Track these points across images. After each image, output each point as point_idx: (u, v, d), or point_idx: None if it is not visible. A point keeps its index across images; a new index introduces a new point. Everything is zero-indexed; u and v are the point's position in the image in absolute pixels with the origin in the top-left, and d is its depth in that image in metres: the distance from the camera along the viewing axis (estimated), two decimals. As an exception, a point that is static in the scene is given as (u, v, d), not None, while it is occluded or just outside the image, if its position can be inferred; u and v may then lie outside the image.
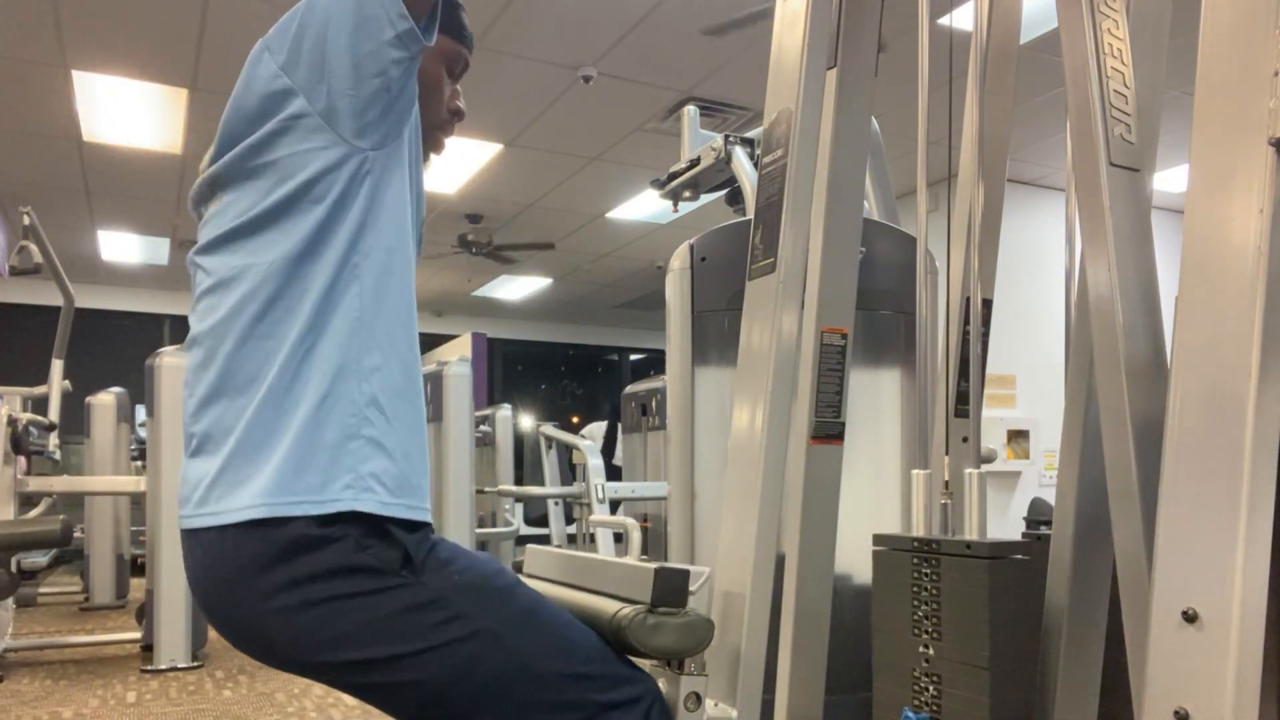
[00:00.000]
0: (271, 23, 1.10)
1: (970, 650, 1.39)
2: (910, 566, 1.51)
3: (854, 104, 1.79)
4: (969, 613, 1.39)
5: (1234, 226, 1.05)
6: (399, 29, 1.03)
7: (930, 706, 1.46)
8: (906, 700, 1.50)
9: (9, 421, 4.22)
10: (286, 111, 1.05)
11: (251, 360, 1.04)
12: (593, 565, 1.36)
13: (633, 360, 12.72)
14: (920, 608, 1.48)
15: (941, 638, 1.44)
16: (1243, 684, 0.99)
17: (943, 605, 1.44)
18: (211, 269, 1.10)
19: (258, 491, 1.00)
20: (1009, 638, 1.38)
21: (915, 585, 1.50)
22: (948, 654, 1.43)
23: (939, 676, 1.44)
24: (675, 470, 2.43)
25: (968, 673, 1.39)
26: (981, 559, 1.39)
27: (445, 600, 1.03)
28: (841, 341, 1.79)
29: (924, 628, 1.47)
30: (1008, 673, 1.37)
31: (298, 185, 1.05)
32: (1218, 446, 1.04)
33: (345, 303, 1.05)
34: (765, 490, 1.67)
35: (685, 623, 1.18)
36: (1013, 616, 1.39)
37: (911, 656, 1.50)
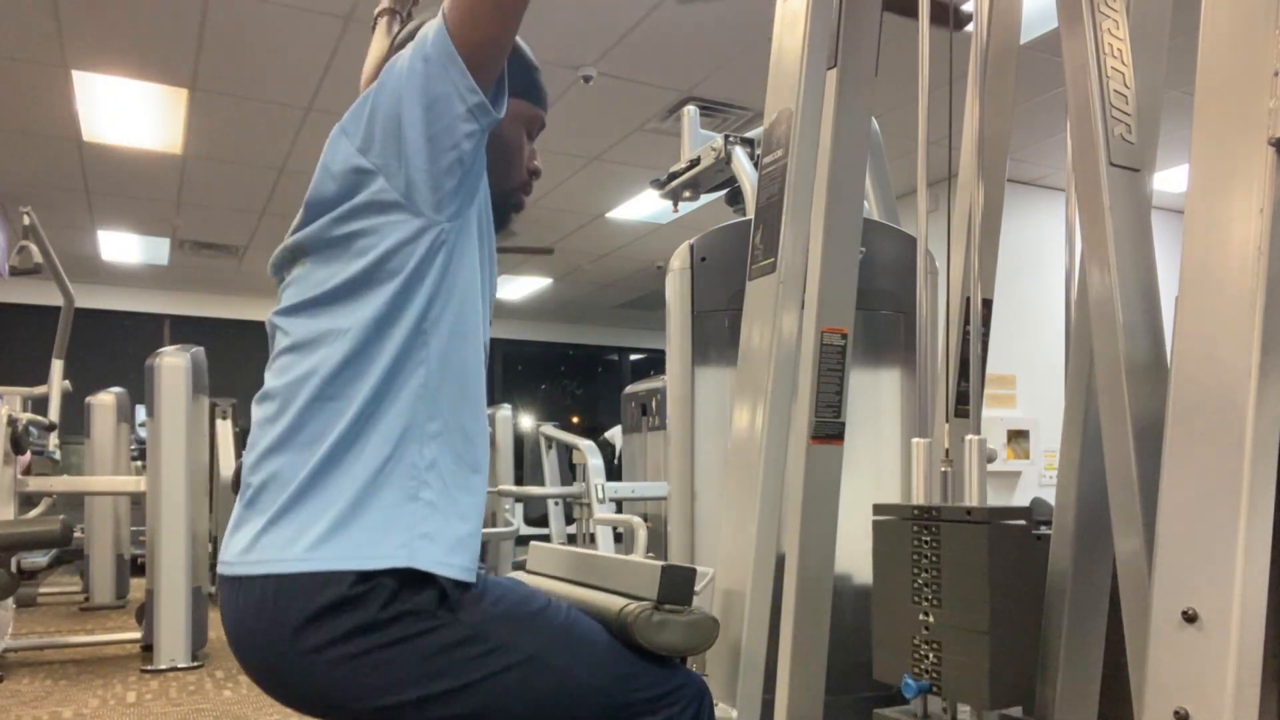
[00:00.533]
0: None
1: (970, 616, 1.38)
2: (910, 534, 1.51)
3: (854, 104, 1.79)
4: (969, 579, 1.39)
5: (1234, 226, 1.05)
6: (470, 103, 1.06)
7: (930, 674, 1.45)
8: (906, 668, 1.50)
9: (9, 421, 4.22)
10: (366, 190, 1.09)
11: (318, 419, 1.07)
12: (598, 562, 1.36)
13: (633, 360, 12.72)
14: (920, 575, 1.48)
15: (941, 605, 1.44)
16: (1243, 684, 0.99)
17: (943, 572, 1.44)
18: (291, 330, 1.14)
19: (309, 545, 1.03)
20: (1009, 603, 1.38)
21: (915, 553, 1.49)
22: (947, 621, 1.43)
23: (939, 643, 1.44)
24: (675, 470, 2.43)
25: (967, 639, 1.39)
26: (981, 524, 1.39)
27: (485, 633, 1.07)
28: (841, 341, 1.79)
29: (924, 595, 1.47)
30: (1007, 638, 1.37)
31: (376, 258, 1.09)
32: (1218, 446, 1.04)
33: (411, 370, 1.09)
34: (765, 490, 1.67)
35: (691, 621, 1.19)
36: (1012, 582, 1.39)
37: (911, 624, 1.49)
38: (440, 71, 1.05)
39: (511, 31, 1.09)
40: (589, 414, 12.48)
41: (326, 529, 1.03)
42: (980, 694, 1.37)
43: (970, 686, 1.38)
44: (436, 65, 1.05)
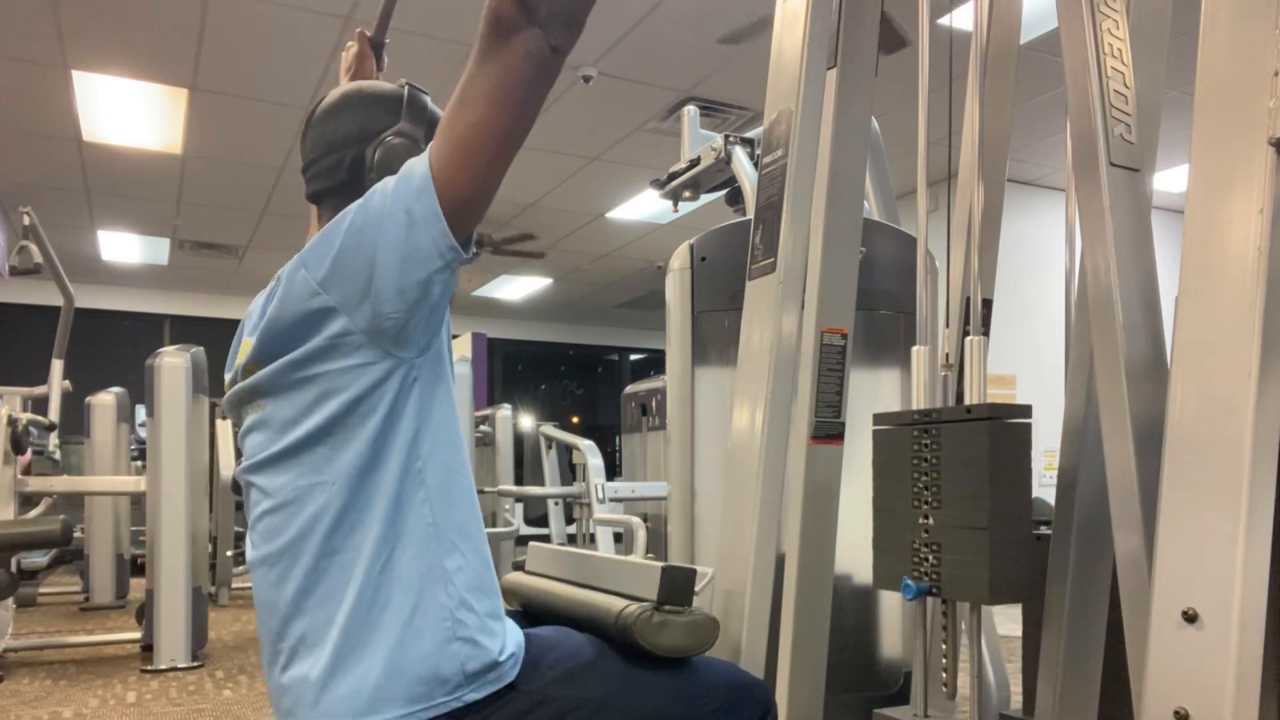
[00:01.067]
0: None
1: (970, 514, 1.38)
2: (910, 440, 1.50)
3: (854, 104, 1.79)
4: (969, 476, 1.39)
5: (1234, 226, 1.05)
6: (447, 258, 1.02)
7: (930, 576, 1.45)
8: (906, 572, 1.49)
9: (9, 421, 4.22)
10: (328, 330, 1.05)
11: (329, 576, 1.05)
12: (597, 563, 1.36)
13: (633, 360, 12.72)
14: (920, 479, 1.47)
15: (941, 505, 1.43)
16: (1243, 684, 0.99)
17: (942, 473, 1.43)
18: (270, 490, 1.10)
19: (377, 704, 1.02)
20: (1009, 499, 1.37)
21: (915, 458, 1.49)
22: (947, 521, 1.42)
23: (938, 545, 1.43)
24: (675, 470, 2.43)
25: (967, 536, 1.38)
26: (982, 420, 1.38)
27: (549, 696, 1.08)
28: (841, 341, 1.79)
29: (923, 499, 1.46)
30: (1007, 534, 1.36)
31: (347, 401, 1.05)
32: (1218, 446, 1.04)
33: (415, 510, 1.06)
34: (765, 490, 1.67)
35: (691, 621, 1.19)
36: (1013, 478, 1.38)
37: (911, 529, 1.49)
38: (421, 226, 1.01)
39: (496, 187, 1.04)
40: (589, 414, 12.48)
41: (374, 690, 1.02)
42: (979, 590, 1.36)
43: (970, 583, 1.38)
44: (419, 220, 1.01)
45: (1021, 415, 1.40)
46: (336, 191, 1.20)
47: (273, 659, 1.11)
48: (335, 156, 1.20)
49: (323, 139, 1.22)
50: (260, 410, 1.12)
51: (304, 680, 1.05)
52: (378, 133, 1.19)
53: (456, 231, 1.02)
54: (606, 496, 4.51)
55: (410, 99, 1.21)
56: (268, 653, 1.13)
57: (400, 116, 1.20)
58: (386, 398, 1.05)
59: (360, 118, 1.20)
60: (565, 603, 1.30)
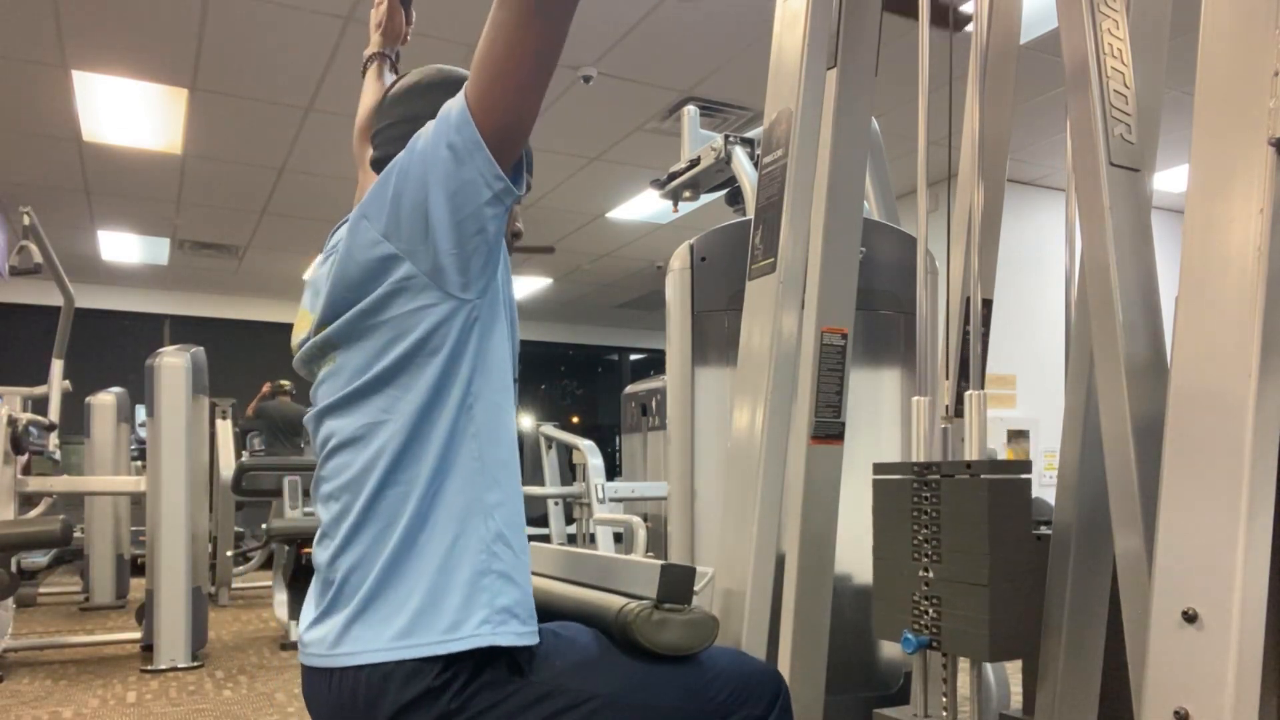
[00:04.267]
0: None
1: (970, 569, 1.38)
2: (910, 491, 1.50)
3: (854, 104, 1.79)
4: (969, 532, 1.39)
5: (1234, 226, 1.05)
6: (495, 189, 1.06)
7: (930, 629, 1.45)
8: (906, 624, 1.50)
9: (9, 421, 4.22)
10: (394, 275, 1.08)
11: (385, 507, 1.09)
12: (597, 562, 1.36)
13: (633, 360, 12.72)
14: (920, 531, 1.47)
15: (941, 559, 1.43)
16: (1243, 684, 0.99)
17: (943, 527, 1.43)
18: (337, 430, 1.15)
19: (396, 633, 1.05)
20: (1009, 556, 1.37)
21: (915, 509, 1.49)
22: (947, 575, 1.42)
23: (939, 599, 1.43)
24: (675, 470, 2.43)
25: (967, 592, 1.38)
26: (982, 477, 1.38)
27: (560, 688, 1.10)
28: (841, 341, 1.79)
29: (924, 551, 1.46)
30: (1007, 591, 1.37)
31: (414, 342, 1.09)
32: (1218, 446, 1.04)
33: (465, 445, 1.10)
34: (765, 490, 1.67)
35: (691, 619, 1.19)
36: (1013, 534, 1.38)
37: (911, 581, 1.49)
38: (466, 158, 1.04)
39: (534, 113, 1.07)
40: (589, 414, 12.48)
41: (412, 615, 1.05)
42: (980, 646, 1.36)
43: (970, 639, 1.38)
44: (462, 152, 1.04)
45: (1021, 471, 1.41)
46: None
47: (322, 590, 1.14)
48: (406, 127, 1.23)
49: (398, 110, 1.27)
50: (332, 363, 1.17)
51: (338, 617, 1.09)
52: None
53: (501, 161, 1.05)
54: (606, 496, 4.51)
55: None
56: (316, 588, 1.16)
57: None
58: (450, 338, 1.09)
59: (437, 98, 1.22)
60: (566, 602, 1.30)
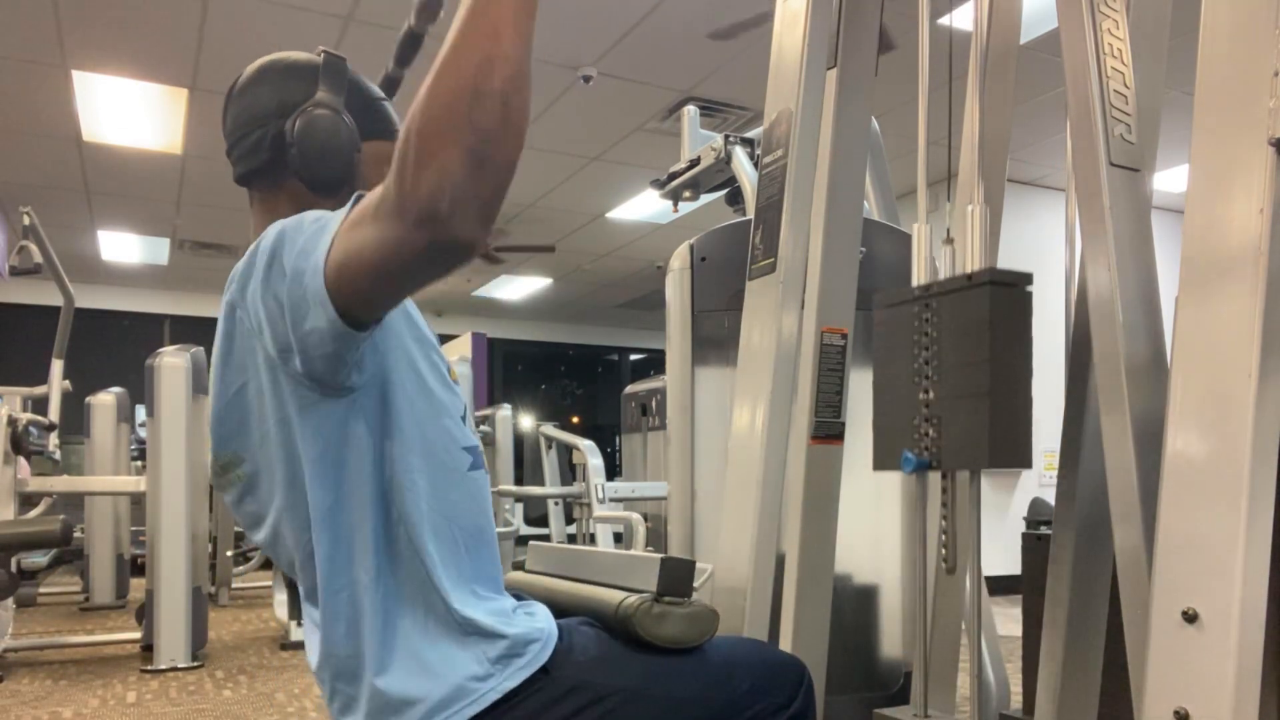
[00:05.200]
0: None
1: (971, 381, 1.34)
2: (911, 317, 1.45)
3: (854, 104, 1.79)
4: (970, 343, 1.35)
5: (1234, 226, 1.05)
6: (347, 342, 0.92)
7: (929, 450, 1.41)
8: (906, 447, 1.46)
9: (9, 421, 4.22)
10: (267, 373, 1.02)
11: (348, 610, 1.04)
12: (597, 558, 1.36)
13: (633, 360, 12.72)
14: (921, 355, 1.43)
15: (942, 377, 1.39)
16: (1243, 684, 0.99)
17: (943, 344, 1.39)
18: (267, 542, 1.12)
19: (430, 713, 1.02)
20: (1010, 364, 1.33)
21: (916, 334, 1.44)
22: (948, 392, 1.38)
23: (939, 418, 1.40)
24: (675, 470, 2.43)
25: (968, 404, 1.35)
26: (982, 285, 1.34)
27: (582, 683, 1.08)
28: (841, 341, 1.79)
29: (924, 374, 1.42)
30: (1009, 399, 1.32)
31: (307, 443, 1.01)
32: (1218, 446, 1.04)
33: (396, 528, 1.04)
34: (765, 490, 1.67)
35: (691, 612, 1.19)
36: (1014, 343, 1.34)
37: (911, 406, 1.44)
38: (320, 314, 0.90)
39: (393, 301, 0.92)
40: (589, 414, 12.48)
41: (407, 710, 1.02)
42: (979, 454, 1.32)
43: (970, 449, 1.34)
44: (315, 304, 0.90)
45: (1024, 282, 1.38)
46: (263, 172, 1.16)
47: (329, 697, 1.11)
48: (256, 134, 1.16)
49: (241, 116, 1.17)
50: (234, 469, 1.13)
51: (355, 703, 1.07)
52: (296, 104, 1.14)
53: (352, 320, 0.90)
54: (606, 496, 4.51)
55: (326, 66, 1.16)
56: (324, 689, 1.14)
57: (317, 86, 1.16)
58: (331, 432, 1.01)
59: (277, 91, 1.16)
60: (566, 598, 1.30)
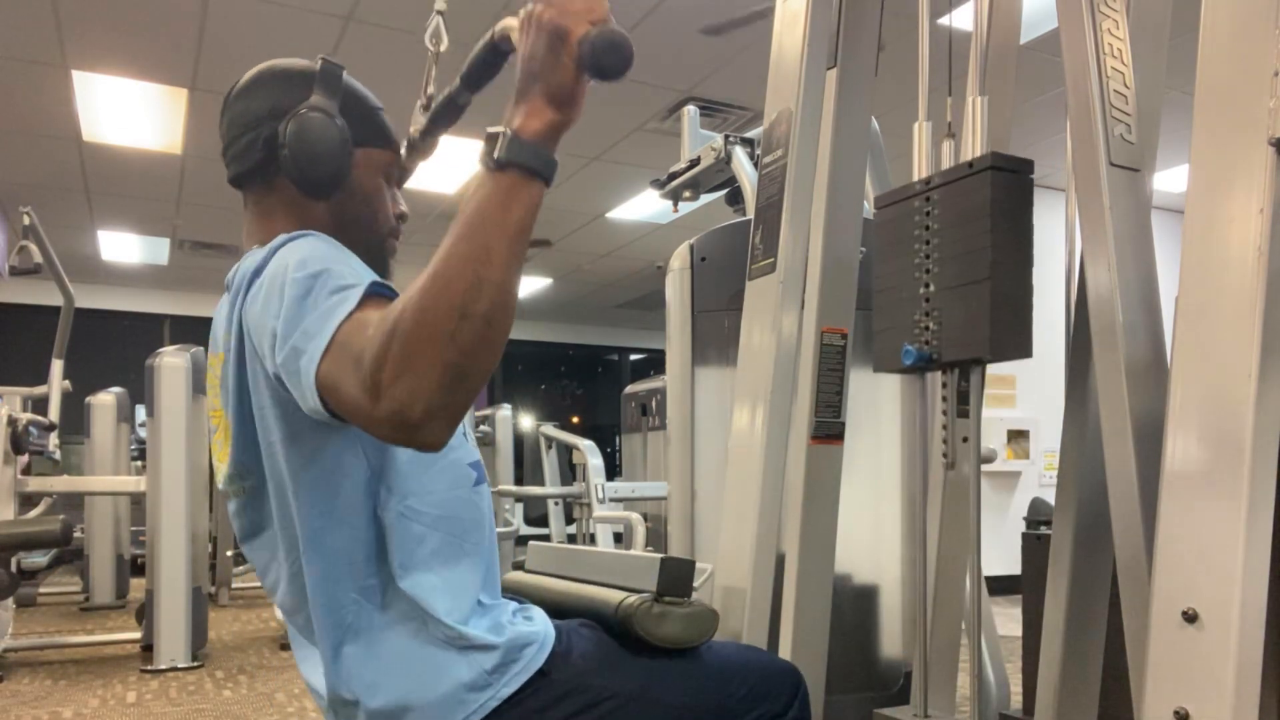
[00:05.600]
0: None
1: (972, 268, 1.31)
2: (912, 212, 1.43)
3: (854, 104, 1.79)
4: (970, 231, 1.32)
5: (1234, 226, 1.05)
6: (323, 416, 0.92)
7: (930, 343, 1.39)
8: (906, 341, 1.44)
9: (9, 421, 4.22)
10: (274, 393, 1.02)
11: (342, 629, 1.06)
12: (597, 558, 1.36)
13: (633, 360, 12.72)
14: (921, 250, 1.41)
15: (943, 268, 1.36)
16: (1243, 684, 0.99)
17: (944, 235, 1.36)
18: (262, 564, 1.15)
19: None
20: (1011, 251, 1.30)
21: (917, 228, 1.42)
22: (949, 281, 1.35)
23: (940, 310, 1.38)
24: (675, 470, 2.43)
25: (969, 293, 1.32)
26: (983, 171, 1.32)
27: (581, 686, 1.09)
28: (841, 341, 1.79)
29: (924, 269, 1.39)
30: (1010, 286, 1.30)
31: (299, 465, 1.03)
32: (1218, 447, 1.04)
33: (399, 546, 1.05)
34: (765, 490, 1.67)
35: (691, 612, 1.19)
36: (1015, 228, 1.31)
37: (912, 303, 1.42)
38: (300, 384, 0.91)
39: None
40: (589, 414, 12.48)
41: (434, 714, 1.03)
42: (980, 343, 1.30)
43: (971, 338, 1.32)
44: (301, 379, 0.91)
45: (1026, 169, 1.36)
46: (255, 174, 1.18)
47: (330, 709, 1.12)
48: (250, 136, 1.17)
49: (237, 120, 1.19)
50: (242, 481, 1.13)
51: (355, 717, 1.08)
52: (290, 108, 1.16)
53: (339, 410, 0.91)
54: (606, 496, 4.51)
55: (323, 73, 1.18)
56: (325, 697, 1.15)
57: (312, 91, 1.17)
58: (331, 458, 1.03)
59: (272, 95, 1.18)
60: (566, 598, 1.30)
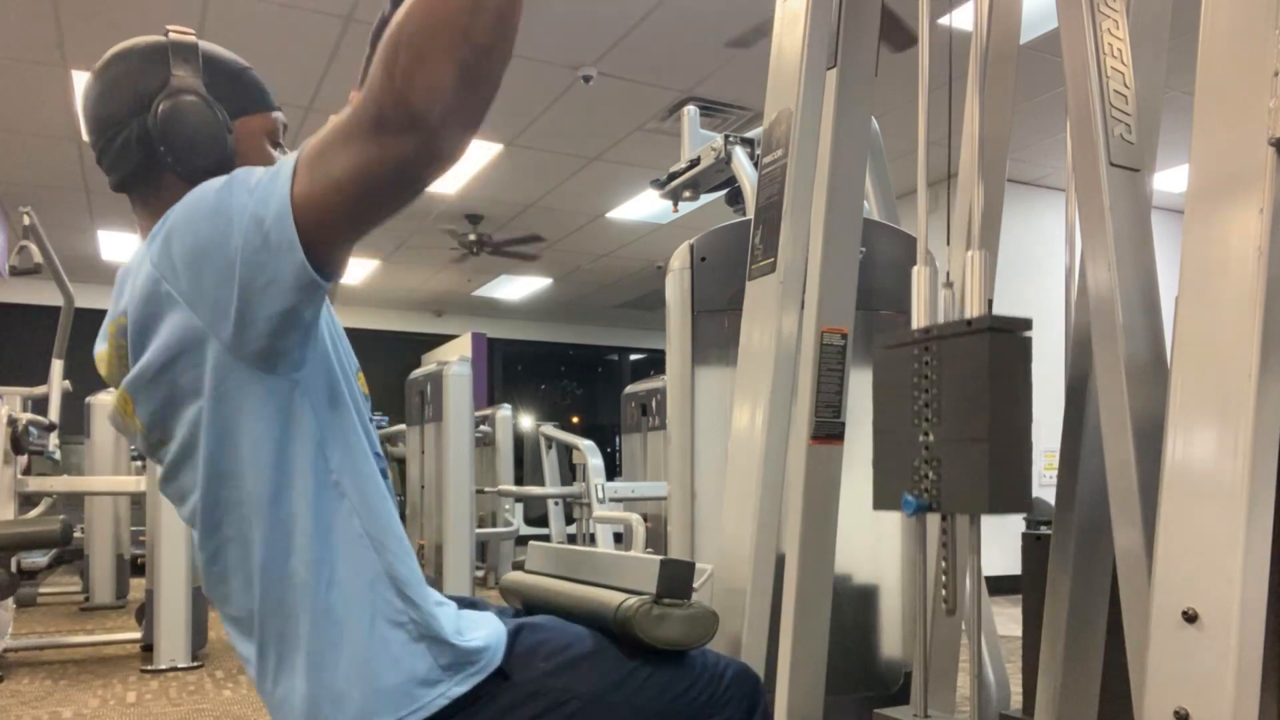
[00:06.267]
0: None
1: (970, 426, 1.35)
2: (911, 359, 1.46)
3: (854, 104, 1.79)
4: (970, 387, 1.36)
5: (1234, 226, 1.05)
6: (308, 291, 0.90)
7: (930, 492, 1.42)
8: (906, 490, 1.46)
9: (9, 421, 4.22)
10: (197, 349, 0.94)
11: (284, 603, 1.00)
12: (596, 559, 1.36)
13: (633, 360, 12.72)
14: (920, 397, 1.44)
15: (941, 420, 1.40)
16: (1243, 684, 0.99)
17: (943, 388, 1.40)
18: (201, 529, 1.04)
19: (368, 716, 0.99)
20: (1009, 412, 1.34)
21: (916, 375, 1.45)
22: (948, 435, 1.39)
23: (939, 460, 1.40)
24: (675, 470, 2.43)
25: (967, 449, 1.35)
26: (982, 332, 1.35)
27: (542, 688, 1.08)
28: (841, 341, 1.79)
29: (924, 416, 1.43)
30: (1007, 445, 1.33)
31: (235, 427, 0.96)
32: (1218, 446, 1.04)
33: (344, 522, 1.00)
34: (765, 490, 1.67)
35: (691, 614, 1.19)
36: (1014, 390, 1.35)
37: (911, 448, 1.45)
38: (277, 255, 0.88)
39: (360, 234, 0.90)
40: (589, 414, 12.48)
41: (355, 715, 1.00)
42: (979, 500, 1.33)
43: (970, 493, 1.35)
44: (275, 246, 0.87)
45: (1023, 328, 1.38)
46: (138, 176, 1.10)
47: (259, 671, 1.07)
48: (122, 137, 1.08)
49: (101, 121, 1.10)
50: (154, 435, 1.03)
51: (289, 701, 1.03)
52: (153, 95, 1.08)
53: (319, 262, 0.89)
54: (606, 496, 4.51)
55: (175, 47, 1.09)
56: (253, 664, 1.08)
57: (171, 68, 1.09)
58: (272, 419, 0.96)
59: (131, 84, 1.09)
60: (565, 599, 1.30)
